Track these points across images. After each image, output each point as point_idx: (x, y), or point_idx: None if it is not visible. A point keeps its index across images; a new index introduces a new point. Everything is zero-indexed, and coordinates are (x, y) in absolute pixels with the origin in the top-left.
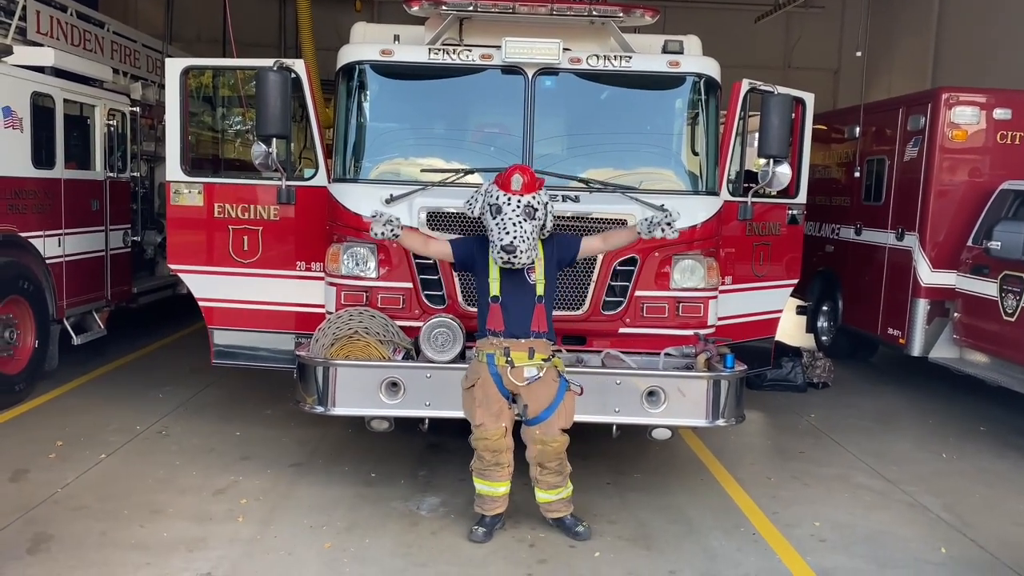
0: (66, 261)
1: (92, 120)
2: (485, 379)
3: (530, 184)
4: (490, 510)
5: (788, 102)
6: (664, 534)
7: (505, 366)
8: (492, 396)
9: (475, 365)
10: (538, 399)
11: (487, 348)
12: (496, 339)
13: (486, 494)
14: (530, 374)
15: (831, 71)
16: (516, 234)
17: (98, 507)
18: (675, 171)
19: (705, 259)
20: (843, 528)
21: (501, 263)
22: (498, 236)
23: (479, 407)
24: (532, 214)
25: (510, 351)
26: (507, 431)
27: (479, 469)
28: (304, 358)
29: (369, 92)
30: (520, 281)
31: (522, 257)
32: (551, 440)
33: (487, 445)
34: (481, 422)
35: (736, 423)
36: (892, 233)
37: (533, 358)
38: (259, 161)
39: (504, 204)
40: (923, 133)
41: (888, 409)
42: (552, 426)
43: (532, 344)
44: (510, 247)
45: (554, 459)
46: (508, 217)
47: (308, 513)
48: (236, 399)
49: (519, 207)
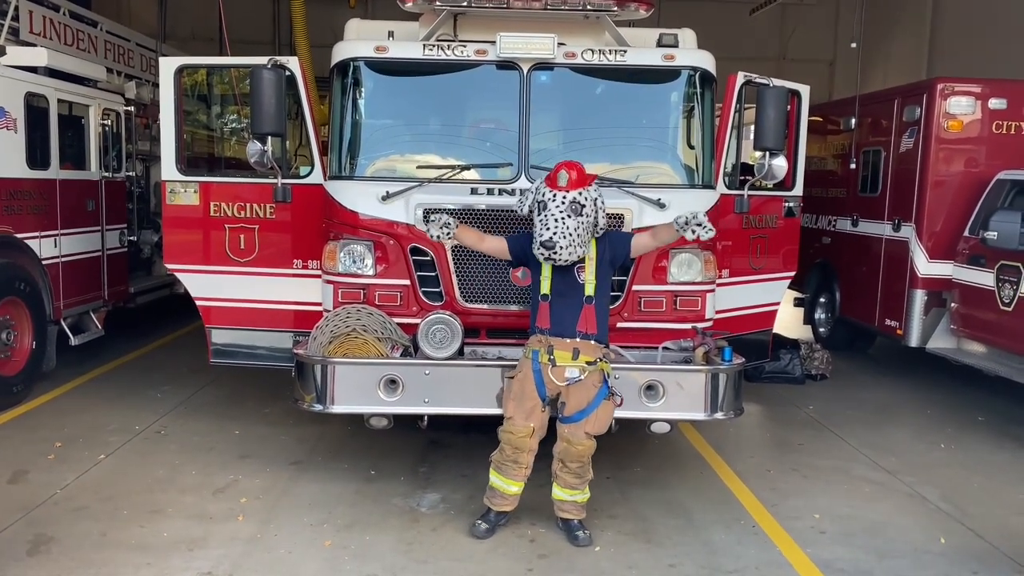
0: (62, 262)
1: (87, 120)
2: (526, 375)
3: (578, 181)
4: (498, 506)
5: (784, 94)
6: (664, 528)
7: (547, 364)
8: (528, 393)
9: (522, 360)
10: (576, 400)
11: (534, 345)
12: (542, 336)
13: (498, 488)
14: (571, 375)
15: (827, 62)
16: (556, 230)
17: (98, 507)
18: (671, 165)
19: (702, 252)
20: (843, 519)
21: (542, 259)
22: (538, 232)
23: (512, 400)
24: (579, 210)
25: (554, 349)
26: (534, 432)
27: (498, 461)
28: (302, 356)
29: (364, 89)
30: (570, 280)
31: (562, 254)
32: (576, 442)
33: (510, 440)
34: (511, 415)
35: (735, 416)
36: (889, 224)
37: (577, 359)
38: (255, 160)
39: (549, 200)
40: (919, 124)
41: (886, 400)
42: (580, 429)
43: (578, 345)
44: (549, 243)
45: (575, 461)
46: (551, 213)
47: (308, 511)
48: (235, 398)
49: (563, 203)
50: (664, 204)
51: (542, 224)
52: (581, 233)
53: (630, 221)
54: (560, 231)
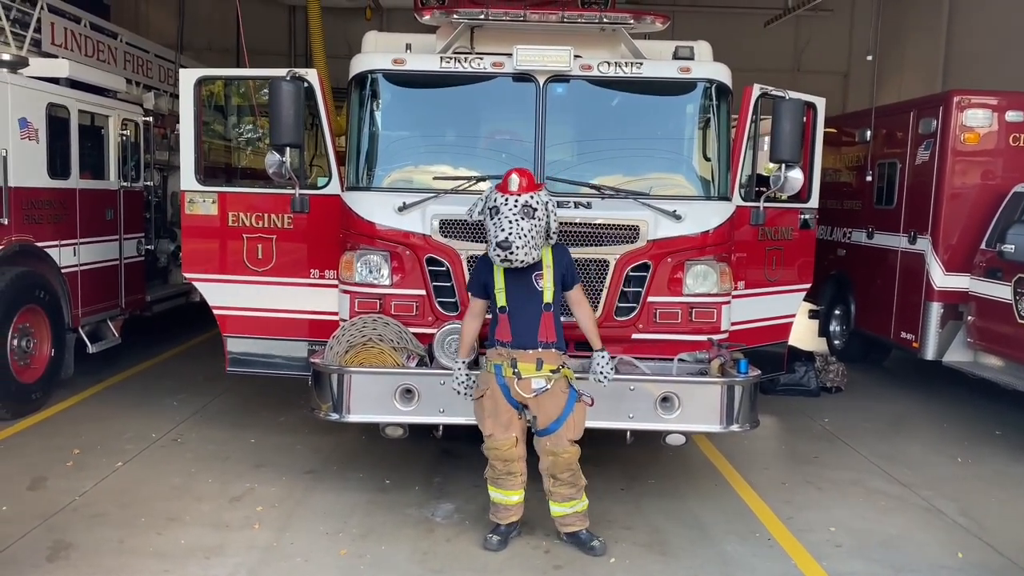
0: (81, 270)
1: (106, 130)
2: (494, 389)
3: (528, 185)
4: (504, 518)
5: (799, 107)
6: (679, 540)
7: (512, 377)
8: (501, 407)
9: (484, 375)
10: (547, 411)
11: (495, 359)
12: (504, 349)
13: (500, 502)
14: (537, 386)
15: (841, 74)
16: (511, 231)
17: (116, 514)
18: (687, 177)
19: (718, 264)
20: (858, 533)
21: (499, 261)
22: (494, 234)
23: (488, 417)
24: (531, 214)
25: (517, 362)
26: (518, 441)
27: (492, 478)
28: (319, 365)
29: (381, 101)
30: (528, 289)
31: (519, 254)
32: (561, 451)
33: (498, 455)
34: (491, 432)
35: (751, 428)
36: (904, 236)
37: (541, 369)
38: (273, 170)
39: (501, 205)
40: (935, 136)
41: (902, 413)
42: (562, 438)
43: (540, 355)
44: (505, 243)
45: (565, 470)
46: (504, 216)
47: (324, 520)
48: (250, 406)
49: (516, 206)
50: (680, 215)
51: (496, 227)
52: (535, 236)
53: (645, 232)
54: (514, 231)
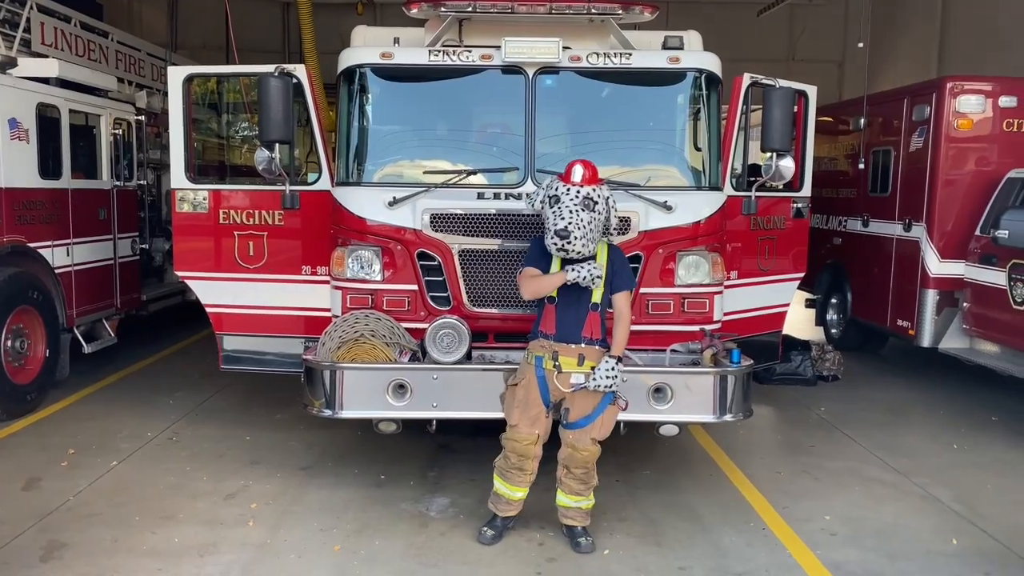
0: (75, 270)
1: (98, 129)
2: (530, 381)
3: (591, 177)
4: (503, 511)
5: (790, 95)
6: (674, 531)
7: (552, 370)
8: (532, 400)
9: (523, 365)
10: (580, 406)
11: (537, 350)
12: (546, 342)
13: (503, 495)
14: (576, 381)
15: (835, 63)
16: (571, 220)
17: (110, 514)
18: (678, 167)
19: (710, 254)
20: (854, 522)
21: (555, 250)
22: (553, 222)
23: (517, 407)
24: (591, 206)
25: (559, 355)
26: (539, 439)
27: (502, 468)
28: (311, 362)
29: (370, 95)
30: (578, 286)
31: (576, 244)
32: (582, 448)
33: (515, 447)
34: (516, 423)
35: (744, 418)
36: (899, 224)
37: (582, 365)
38: (263, 167)
39: (563, 194)
40: (928, 123)
41: (898, 401)
42: (585, 435)
43: (583, 351)
44: (564, 232)
45: (580, 467)
46: (565, 205)
47: (318, 516)
48: (246, 404)
49: (577, 196)
50: (671, 206)
51: (556, 215)
52: (594, 228)
53: (637, 224)
54: (574, 221)
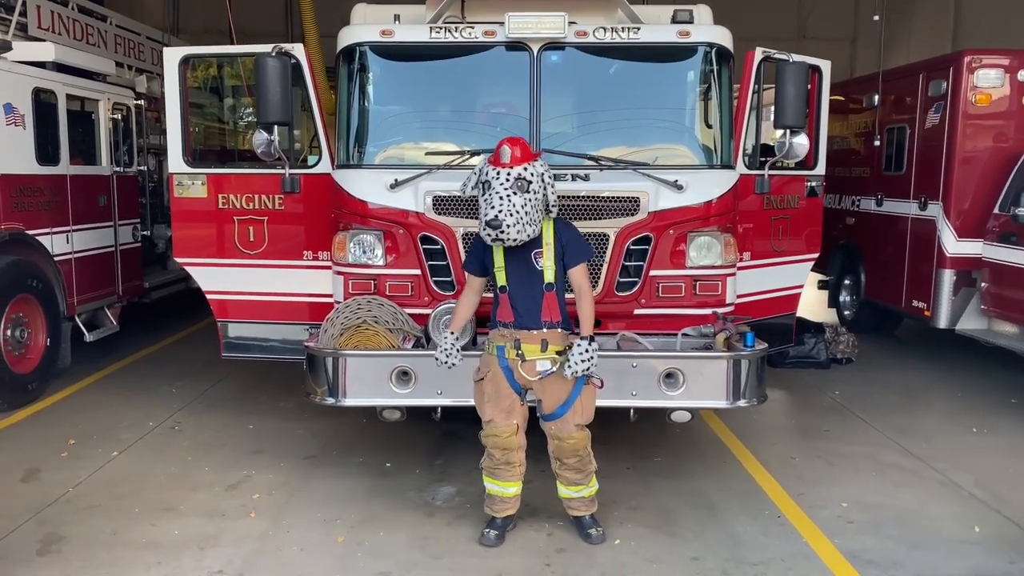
0: (75, 258)
1: (97, 115)
2: (496, 373)
3: (522, 156)
4: (500, 511)
5: (803, 70)
6: (687, 519)
7: (516, 359)
8: (503, 391)
9: (486, 358)
10: (553, 394)
11: (497, 340)
12: (506, 330)
13: (496, 494)
14: (543, 368)
15: (848, 40)
16: (501, 208)
17: (110, 505)
18: (688, 145)
19: (722, 235)
20: (871, 508)
21: (489, 241)
22: (483, 212)
23: (488, 403)
24: (524, 187)
25: (521, 343)
26: (519, 429)
27: (489, 467)
28: (313, 349)
29: (370, 75)
30: (527, 268)
31: (510, 232)
32: (567, 437)
33: (496, 443)
34: (491, 418)
35: (758, 403)
36: (915, 203)
37: (546, 351)
38: (261, 150)
39: (493, 179)
40: (945, 98)
41: (915, 383)
42: (568, 423)
43: (545, 336)
44: (495, 222)
45: (571, 455)
46: (495, 191)
47: (321, 507)
48: (249, 392)
49: (508, 180)
50: (681, 186)
51: (486, 204)
52: (530, 211)
53: (646, 204)
54: (506, 208)
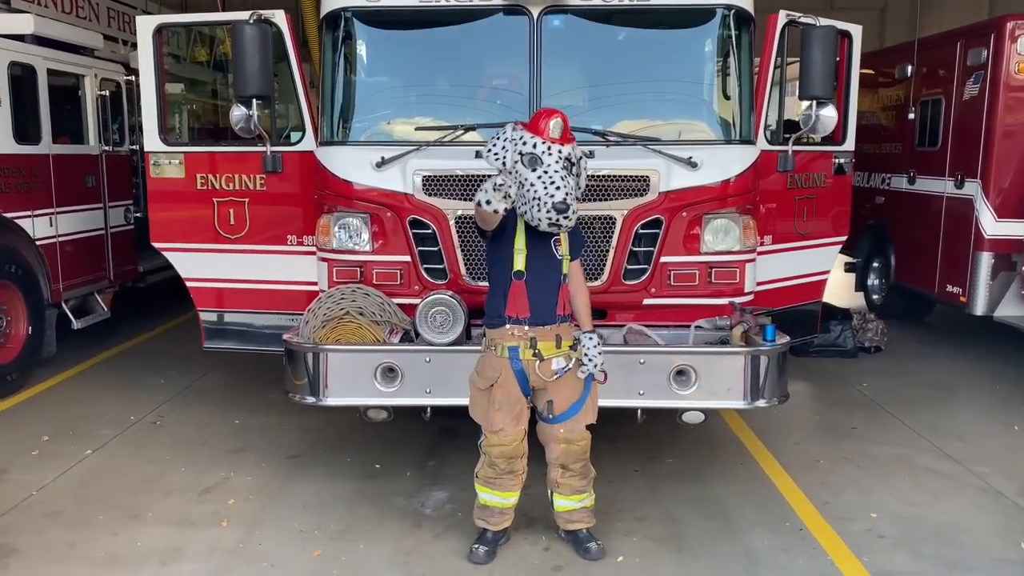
0: (60, 241)
1: (83, 91)
2: (507, 378)
3: (568, 133)
4: (496, 524)
5: (832, 35)
6: (698, 532)
7: (532, 360)
8: (514, 397)
9: (492, 361)
10: (565, 394)
11: (507, 340)
12: (519, 328)
13: (494, 505)
14: (558, 366)
15: (877, 10)
16: (568, 189)
17: (72, 512)
18: (704, 118)
19: (740, 217)
20: (905, 521)
21: (546, 226)
22: (545, 192)
23: (499, 411)
24: (570, 169)
25: (537, 341)
26: (525, 435)
27: (488, 478)
28: (291, 343)
29: (356, 43)
30: (545, 255)
31: (572, 219)
32: (578, 439)
33: (504, 452)
34: (501, 427)
35: (779, 403)
36: (950, 180)
37: (560, 347)
38: (240, 126)
39: (543, 153)
40: (985, 68)
41: (949, 375)
42: (579, 423)
43: (558, 331)
44: (562, 204)
45: (579, 460)
46: (552, 167)
47: (300, 514)
48: (240, 383)
49: (560, 158)
50: (696, 163)
51: (546, 182)
52: (576, 197)
53: (657, 183)
54: (572, 192)
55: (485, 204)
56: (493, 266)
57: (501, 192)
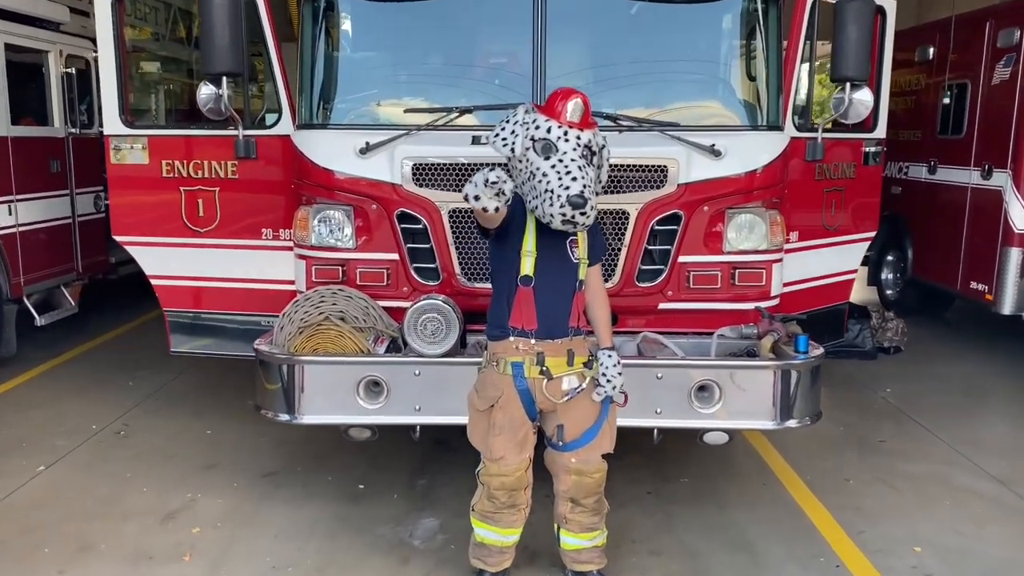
0: (20, 231)
1: (46, 68)
2: (509, 398)
3: (589, 117)
4: (495, 565)
5: (869, 8)
6: (722, 569)
7: (539, 378)
8: (517, 421)
9: (493, 378)
10: (577, 418)
11: (511, 354)
12: (524, 341)
13: (493, 543)
14: (570, 387)
15: None
16: (587, 180)
17: (13, 545)
18: (727, 102)
19: (767, 212)
20: (952, 555)
21: (560, 222)
22: (559, 183)
23: (500, 436)
24: (590, 158)
25: (545, 357)
26: (530, 463)
27: (486, 512)
28: (263, 353)
29: (339, 14)
30: (559, 259)
31: (591, 215)
32: (592, 470)
33: (505, 483)
34: (502, 454)
35: (811, 423)
36: (976, 171)
37: (573, 364)
38: (208, 107)
39: (559, 139)
40: (1017, 50)
41: (976, 379)
42: (594, 452)
43: (571, 345)
44: (579, 198)
45: (592, 494)
46: (569, 156)
47: (273, 545)
48: (214, 386)
49: (579, 145)
50: (719, 151)
51: (562, 172)
52: (596, 190)
53: (675, 174)
54: (590, 184)
55: (473, 200)
56: (496, 269)
57: (494, 189)
